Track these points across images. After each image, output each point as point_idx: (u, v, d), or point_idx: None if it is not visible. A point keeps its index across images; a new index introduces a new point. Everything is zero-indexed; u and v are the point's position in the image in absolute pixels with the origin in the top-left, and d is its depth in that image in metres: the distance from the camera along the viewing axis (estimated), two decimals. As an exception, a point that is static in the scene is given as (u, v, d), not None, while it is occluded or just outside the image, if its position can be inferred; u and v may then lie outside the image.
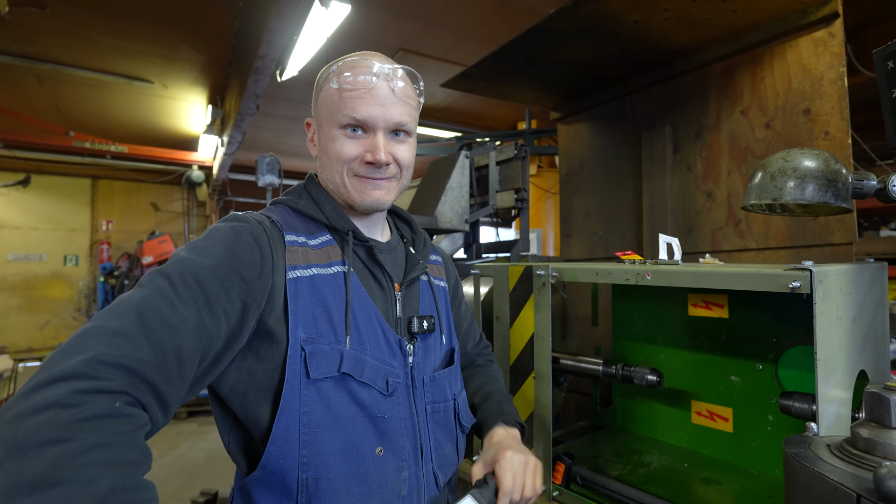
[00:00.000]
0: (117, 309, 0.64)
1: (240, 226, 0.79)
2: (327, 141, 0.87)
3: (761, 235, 1.80)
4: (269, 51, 3.92)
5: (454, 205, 2.20)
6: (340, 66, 0.86)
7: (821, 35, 1.65)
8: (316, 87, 0.92)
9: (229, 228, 0.78)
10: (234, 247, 0.75)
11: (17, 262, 9.80)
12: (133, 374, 0.57)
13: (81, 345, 0.56)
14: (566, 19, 1.69)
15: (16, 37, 4.95)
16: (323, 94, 0.88)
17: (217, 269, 0.72)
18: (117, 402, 0.54)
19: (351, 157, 0.85)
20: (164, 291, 0.67)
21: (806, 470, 0.57)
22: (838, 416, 0.84)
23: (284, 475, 0.73)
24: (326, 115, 0.87)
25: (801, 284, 0.77)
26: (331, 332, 0.79)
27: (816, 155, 1.04)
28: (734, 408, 1.38)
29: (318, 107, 0.89)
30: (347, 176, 0.86)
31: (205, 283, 0.70)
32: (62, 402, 0.50)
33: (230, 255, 0.74)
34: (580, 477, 1.26)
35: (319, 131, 0.90)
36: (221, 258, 0.73)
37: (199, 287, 0.69)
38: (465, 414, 0.97)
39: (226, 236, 0.76)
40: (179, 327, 0.65)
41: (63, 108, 7.14)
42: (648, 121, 2.17)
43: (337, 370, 0.77)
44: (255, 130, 7.54)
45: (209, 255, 0.73)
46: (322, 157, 0.90)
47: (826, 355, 0.80)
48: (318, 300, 0.79)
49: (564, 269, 1.25)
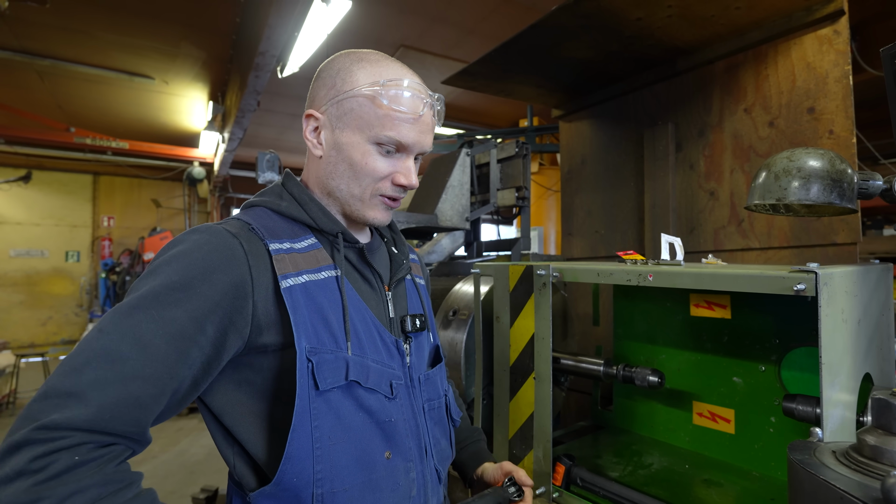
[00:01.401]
0: (75, 361, 0.61)
1: (209, 243, 0.72)
2: (353, 151, 0.81)
3: (764, 235, 1.78)
4: (269, 47, 3.90)
5: (455, 203, 2.18)
6: (388, 82, 0.80)
7: (826, 33, 1.63)
8: (332, 84, 0.83)
9: (197, 249, 0.71)
10: (206, 270, 0.70)
11: (20, 258, 9.82)
12: (88, 431, 0.59)
13: (39, 410, 0.58)
14: (569, 16, 1.67)
15: (16, 32, 4.94)
16: (355, 100, 0.80)
17: (184, 300, 0.67)
18: (76, 456, 0.57)
19: (383, 175, 0.82)
20: (126, 334, 0.63)
21: (811, 478, 0.55)
22: (843, 419, 0.83)
23: (299, 492, 0.71)
24: (358, 123, 0.80)
25: (806, 287, 0.76)
26: (331, 340, 0.76)
27: (822, 154, 1.03)
28: (736, 409, 1.37)
29: (343, 110, 0.81)
30: (371, 193, 0.83)
31: (172, 318, 0.66)
32: (25, 471, 0.54)
33: (199, 280, 0.69)
34: (580, 479, 1.25)
35: (336, 132, 0.82)
36: (188, 286, 0.68)
37: (165, 323, 0.65)
38: (454, 408, 1.01)
39: (194, 259, 0.70)
40: (139, 374, 0.62)
41: (64, 104, 7.13)
42: (651, 119, 2.15)
43: (344, 378, 0.75)
44: (256, 127, 7.53)
45: (175, 287, 0.67)
46: (335, 159, 0.83)
47: (831, 358, 0.79)
48: (314, 308, 0.76)
49: (565, 269, 1.24)
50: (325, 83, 0.84)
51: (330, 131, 0.83)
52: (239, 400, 0.75)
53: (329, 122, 0.83)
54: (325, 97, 0.83)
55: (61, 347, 9.69)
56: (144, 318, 0.64)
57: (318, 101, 0.84)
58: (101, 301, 9.61)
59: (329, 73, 0.84)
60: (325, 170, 0.84)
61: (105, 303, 9.46)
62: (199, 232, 0.74)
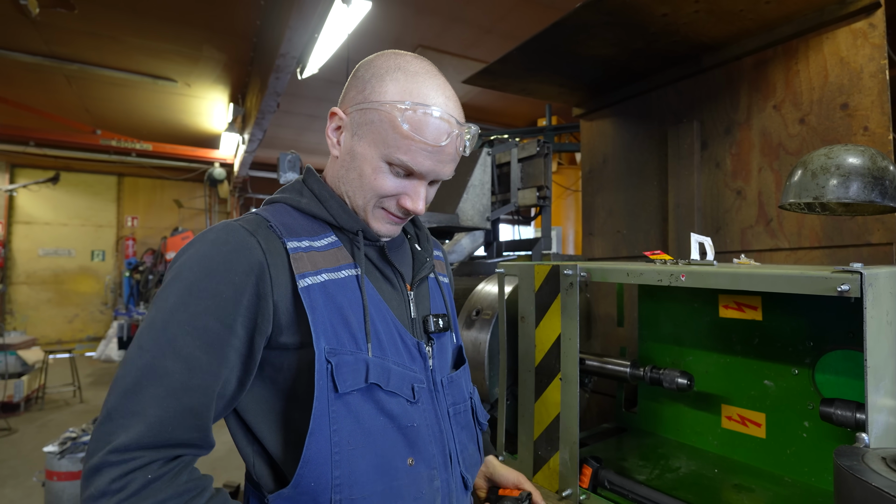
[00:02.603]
0: (126, 382, 0.64)
1: (227, 243, 0.71)
2: (365, 164, 0.79)
3: (794, 235, 1.74)
4: (290, 49, 3.94)
5: (476, 202, 2.18)
6: (415, 105, 0.75)
7: (860, 26, 1.58)
8: (362, 87, 0.79)
9: (216, 250, 0.71)
10: (227, 271, 0.69)
11: (48, 257, 10.11)
12: (154, 448, 0.63)
13: (107, 433, 0.63)
14: (592, 13, 1.65)
15: (45, 37, 5.08)
16: (376, 114, 0.77)
17: (212, 307, 0.68)
18: (149, 475, 0.62)
19: (388, 193, 0.79)
20: (166, 349, 0.65)
21: (861, 484, 0.54)
22: (888, 425, 0.80)
23: (317, 496, 0.70)
24: (374, 138, 0.77)
25: (851, 288, 0.73)
26: (351, 341, 0.74)
27: (862, 151, 1.00)
28: (767, 413, 1.34)
29: (364, 119, 0.78)
30: (373, 206, 0.81)
31: (204, 327, 0.67)
32: (108, 491, 0.60)
33: (222, 283, 0.68)
34: (608, 481, 1.23)
35: (354, 139, 0.80)
36: (214, 292, 0.68)
37: (200, 333, 0.67)
38: (480, 411, 0.97)
39: (214, 262, 0.70)
40: (187, 386, 0.65)
41: (91, 107, 7.32)
42: (675, 116, 2.11)
43: (364, 381, 0.73)
44: (276, 128, 7.63)
45: (200, 293, 0.68)
46: (347, 165, 0.81)
47: (876, 362, 0.76)
48: (334, 307, 0.74)
49: (593, 268, 1.22)
50: (357, 84, 0.80)
51: (349, 135, 0.81)
52: (262, 397, 0.75)
53: (350, 125, 0.80)
54: (353, 99, 0.80)
55: (87, 344, 9.95)
56: (179, 331, 0.66)
57: (346, 100, 0.82)
58: (125, 299, 9.84)
59: (364, 75, 0.80)
60: (338, 172, 0.83)
61: (129, 301, 9.68)
62: (217, 231, 0.73)
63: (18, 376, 5.83)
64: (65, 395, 6.52)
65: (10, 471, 4.18)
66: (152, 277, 9.51)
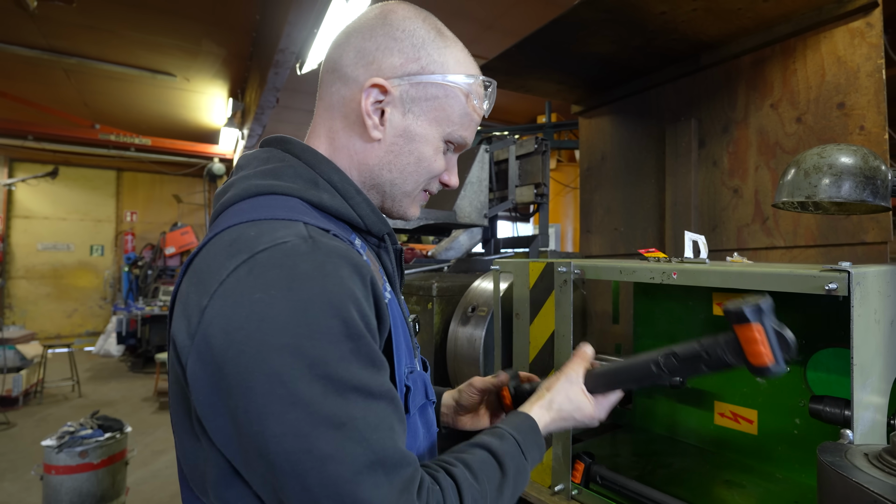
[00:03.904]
0: (350, 468, 0.52)
1: (345, 268, 0.57)
2: (426, 145, 0.70)
3: (790, 233, 1.75)
4: (289, 44, 3.94)
5: (473, 199, 2.18)
6: (483, 80, 0.72)
7: (858, 25, 1.58)
8: (414, 56, 0.68)
9: (341, 279, 0.56)
10: (362, 301, 0.57)
11: (46, 252, 10.11)
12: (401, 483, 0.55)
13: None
14: (591, 10, 1.66)
15: (44, 31, 5.07)
16: (443, 89, 0.68)
17: (361, 346, 0.55)
18: None
19: (440, 172, 0.74)
20: (357, 404, 0.54)
21: (843, 480, 0.55)
22: (874, 422, 0.81)
23: None
24: (437, 115, 0.69)
25: (839, 286, 0.74)
26: (409, 357, 0.70)
27: (854, 151, 1.00)
28: (759, 410, 1.35)
29: (425, 95, 0.68)
30: (420, 189, 0.74)
31: (378, 396, 0.56)
32: None
33: (361, 319, 0.56)
34: (600, 476, 1.24)
35: (408, 117, 0.69)
36: (360, 329, 0.56)
37: (375, 409, 0.55)
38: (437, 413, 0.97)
39: (349, 289, 0.56)
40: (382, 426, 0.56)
41: (89, 102, 7.30)
42: (673, 114, 2.12)
43: (424, 397, 0.71)
44: (275, 123, 7.61)
45: (351, 334, 0.54)
46: (400, 148, 0.69)
47: (863, 360, 0.77)
48: (399, 324, 0.68)
49: (587, 266, 1.23)
50: (400, 49, 0.67)
51: (400, 114, 0.68)
52: None
53: (401, 101, 0.68)
54: (401, 68, 0.67)
55: (86, 339, 9.97)
56: (358, 405, 0.54)
57: (387, 68, 0.67)
58: (124, 294, 9.85)
59: (408, 38, 0.68)
60: (383, 158, 0.70)
61: (128, 296, 9.69)
62: (322, 260, 0.56)
63: (17, 370, 5.85)
64: (63, 389, 6.54)
65: (9, 464, 4.19)
66: (151, 272, 9.52)
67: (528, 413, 0.75)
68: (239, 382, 0.51)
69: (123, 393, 6.54)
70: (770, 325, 0.64)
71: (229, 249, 0.56)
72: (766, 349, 0.63)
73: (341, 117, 0.70)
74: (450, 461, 0.64)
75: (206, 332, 0.53)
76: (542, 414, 0.76)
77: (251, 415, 0.51)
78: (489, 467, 0.64)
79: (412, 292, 1.89)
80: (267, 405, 0.50)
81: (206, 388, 0.54)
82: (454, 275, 2.14)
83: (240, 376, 0.51)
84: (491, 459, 0.65)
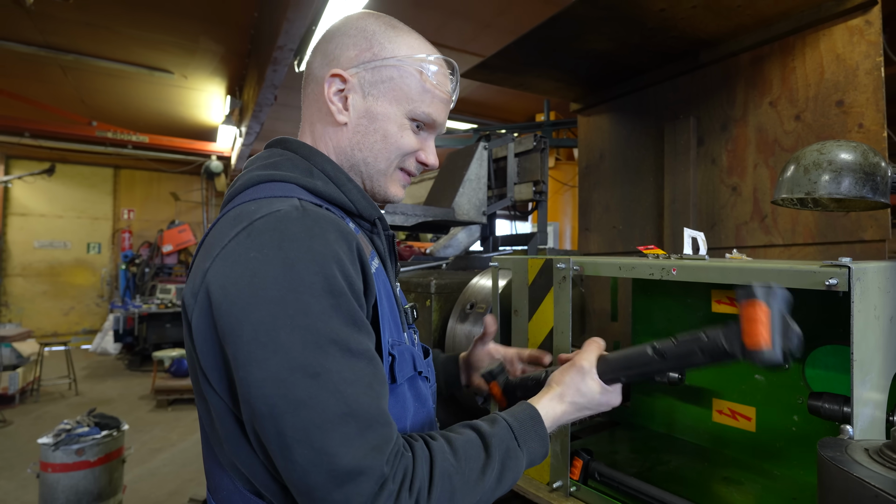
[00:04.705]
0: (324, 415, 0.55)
1: (332, 232, 0.62)
2: (389, 123, 0.76)
3: (788, 231, 1.75)
4: (287, 41, 3.92)
5: (472, 197, 2.18)
6: (436, 58, 0.77)
7: (857, 23, 1.58)
8: (366, 46, 0.75)
9: (327, 241, 0.61)
10: (346, 262, 0.62)
11: (43, 249, 10.07)
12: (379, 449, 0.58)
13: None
14: (590, 7, 1.65)
15: (40, 28, 5.04)
16: (396, 70, 0.75)
17: (342, 303, 0.60)
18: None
19: (412, 150, 0.78)
20: (342, 384, 0.57)
21: (844, 475, 0.54)
22: (873, 418, 0.81)
23: None
24: (396, 94, 0.75)
25: (839, 282, 0.74)
26: (397, 330, 0.74)
27: (854, 147, 1.00)
28: (757, 407, 1.35)
29: (380, 77, 0.75)
30: (395, 167, 0.79)
31: (360, 355, 0.60)
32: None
33: (344, 279, 0.61)
34: (598, 473, 1.24)
35: (368, 99, 0.75)
36: (342, 287, 0.60)
37: (355, 367, 0.59)
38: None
39: (334, 250, 0.61)
40: (371, 388, 0.60)
41: (86, 99, 7.27)
42: (672, 112, 2.11)
43: (413, 369, 0.74)
44: (273, 121, 7.59)
45: (332, 290, 0.59)
46: (365, 128, 0.76)
47: (863, 356, 0.77)
48: (385, 296, 0.72)
49: (586, 262, 1.23)
50: (354, 43, 0.76)
51: (360, 97, 0.76)
52: None
53: (360, 86, 0.75)
54: (357, 59, 0.75)
55: (83, 337, 9.94)
56: (335, 358, 0.58)
57: (344, 60, 0.76)
58: (121, 292, 9.82)
59: (360, 34, 0.76)
60: (352, 139, 0.77)
61: (125, 294, 9.66)
62: (307, 225, 0.62)
63: (14, 368, 5.82)
64: (60, 387, 6.52)
65: (5, 462, 4.18)
66: (148, 270, 9.49)
67: (535, 405, 0.77)
68: (230, 331, 0.57)
69: (120, 391, 6.53)
70: (778, 310, 0.62)
71: (232, 222, 0.64)
72: (766, 331, 0.61)
73: (316, 111, 0.79)
74: (433, 435, 0.66)
75: (208, 289, 0.60)
76: (553, 406, 0.77)
77: (239, 361, 0.57)
78: (473, 447, 0.66)
79: (410, 289, 1.88)
80: (252, 352, 0.56)
81: (207, 341, 0.61)
82: (452, 272, 2.14)
83: (230, 326, 0.57)
84: (477, 440, 0.67)
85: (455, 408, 1.84)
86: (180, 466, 4.10)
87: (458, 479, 0.61)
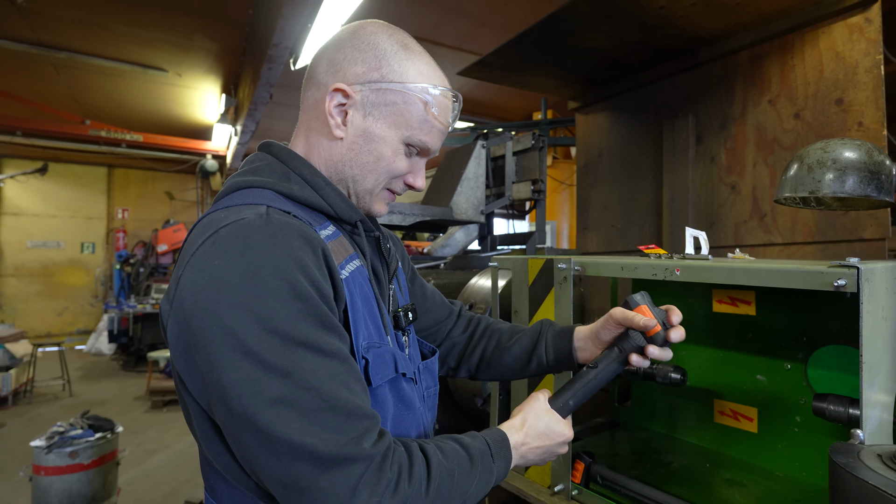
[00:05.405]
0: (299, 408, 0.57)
1: (296, 240, 0.64)
2: (384, 146, 0.77)
3: (788, 230, 1.74)
4: (282, 39, 3.89)
5: (470, 196, 2.16)
6: (443, 91, 0.78)
7: (856, 21, 1.57)
8: (375, 65, 0.75)
9: (290, 248, 0.63)
10: (311, 268, 0.63)
11: (36, 249, 9.98)
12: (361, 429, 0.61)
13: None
14: (589, 5, 1.64)
15: (32, 25, 4.98)
16: (402, 96, 0.75)
17: (309, 307, 0.61)
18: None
19: (402, 174, 0.80)
20: (310, 376, 0.59)
21: (857, 482, 0.53)
22: (881, 421, 0.80)
23: None
24: (396, 119, 0.76)
25: (847, 283, 0.72)
26: (377, 333, 0.75)
27: (858, 146, 0.99)
28: (759, 408, 1.34)
29: (384, 100, 0.76)
30: (382, 187, 0.81)
31: (331, 351, 0.62)
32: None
33: (310, 284, 0.62)
34: (600, 476, 1.23)
35: (368, 119, 0.76)
36: (308, 292, 0.62)
37: (328, 365, 0.61)
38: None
39: (297, 256, 0.63)
40: (339, 402, 0.60)
41: (79, 97, 7.19)
42: (671, 111, 2.10)
43: (394, 371, 0.74)
44: (269, 120, 7.54)
45: (298, 294, 0.61)
46: (360, 147, 0.77)
47: (871, 357, 0.76)
48: (362, 298, 0.73)
49: (588, 262, 1.21)
50: (363, 59, 0.75)
51: (360, 116, 0.76)
52: None
53: (362, 105, 0.76)
54: (363, 76, 0.75)
55: (77, 337, 9.86)
56: (307, 359, 0.60)
57: (350, 75, 0.75)
58: (115, 292, 9.74)
59: (371, 50, 0.76)
60: (345, 155, 0.77)
61: (120, 294, 9.59)
62: (270, 233, 0.63)
63: (6, 369, 5.77)
64: (54, 388, 6.46)
65: (-2, 464, 4.13)
66: (143, 270, 9.42)
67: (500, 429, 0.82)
68: (202, 336, 0.59)
69: (115, 392, 6.47)
70: (650, 303, 0.88)
71: (202, 229, 0.66)
72: (650, 315, 0.86)
73: (314, 118, 0.79)
74: (422, 442, 0.70)
75: (180, 295, 0.62)
76: (513, 433, 0.81)
77: (212, 364, 0.58)
78: (459, 455, 0.70)
79: (408, 290, 1.86)
80: (223, 354, 0.58)
81: (180, 345, 0.63)
82: (451, 272, 2.12)
83: (202, 331, 0.59)
84: (461, 450, 0.71)
85: (454, 409, 1.83)
86: (175, 468, 4.07)
87: (450, 481, 0.66)
